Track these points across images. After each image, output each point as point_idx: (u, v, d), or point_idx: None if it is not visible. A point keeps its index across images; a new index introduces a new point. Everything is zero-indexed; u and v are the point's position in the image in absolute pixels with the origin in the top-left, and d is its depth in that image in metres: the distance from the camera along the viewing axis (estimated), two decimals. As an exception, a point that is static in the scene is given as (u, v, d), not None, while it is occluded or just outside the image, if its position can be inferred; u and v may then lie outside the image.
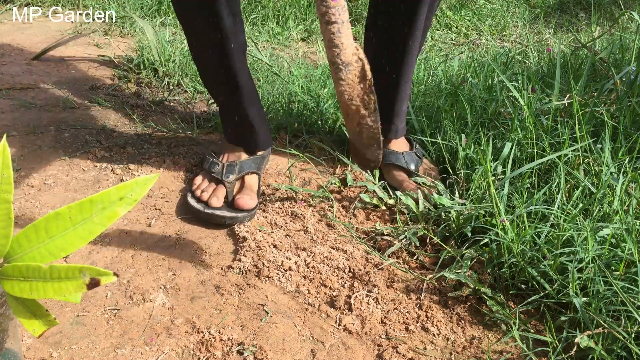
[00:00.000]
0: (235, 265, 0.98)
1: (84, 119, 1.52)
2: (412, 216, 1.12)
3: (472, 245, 1.00)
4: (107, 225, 0.48)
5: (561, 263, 0.88)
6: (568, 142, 1.08)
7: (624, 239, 0.87)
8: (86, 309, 0.87)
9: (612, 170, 1.03)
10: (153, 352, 0.79)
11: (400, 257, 1.03)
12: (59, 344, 0.80)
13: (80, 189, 1.19)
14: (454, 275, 0.93)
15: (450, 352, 0.83)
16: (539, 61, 1.80)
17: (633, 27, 2.19)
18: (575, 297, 0.81)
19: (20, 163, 1.26)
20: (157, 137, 1.44)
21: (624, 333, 0.75)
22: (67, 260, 0.96)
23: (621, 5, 2.86)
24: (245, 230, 1.07)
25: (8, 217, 0.46)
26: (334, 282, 0.96)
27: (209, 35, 1.07)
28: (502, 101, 1.35)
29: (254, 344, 0.81)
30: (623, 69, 1.36)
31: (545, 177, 1.12)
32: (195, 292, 0.92)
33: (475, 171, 1.12)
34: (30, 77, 1.83)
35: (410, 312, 0.90)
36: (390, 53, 1.16)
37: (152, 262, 0.99)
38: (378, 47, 1.17)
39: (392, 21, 1.11)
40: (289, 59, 2.09)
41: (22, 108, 1.57)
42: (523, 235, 0.91)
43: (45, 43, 2.18)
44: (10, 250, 0.48)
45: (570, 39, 2.35)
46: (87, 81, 1.85)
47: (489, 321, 0.88)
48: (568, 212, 0.95)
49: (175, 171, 1.29)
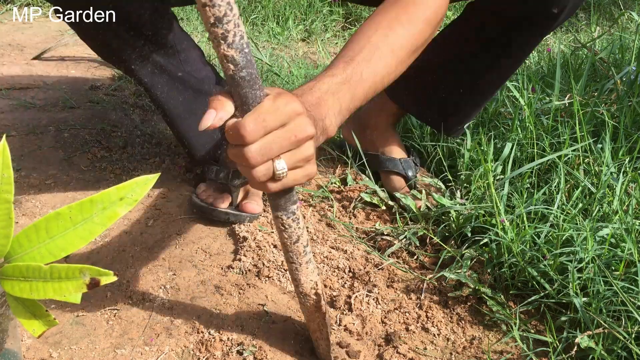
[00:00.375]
0: (235, 265, 0.98)
1: (84, 119, 1.52)
2: (412, 216, 1.12)
3: (472, 245, 1.00)
4: (108, 225, 0.48)
5: (561, 263, 0.88)
6: (568, 142, 1.08)
7: (623, 238, 0.87)
8: (86, 309, 0.87)
9: (612, 170, 1.03)
10: (153, 352, 0.79)
11: (400, 257, 1.03)
12: (58, 344, 0.80)
13: (80, 189, 1.19)
14: (454, 275, 0.93)
15: (451, 352, 0.83)
16: (539, 61, 1.80)
17: (633, 27, 2.19)
18: (576, 297, 0.81)
19: (20, 163, 1.27)
20: (157, 137, 1.44)
21: (624, 333, 0.75)
22: (67, 260, 0.96)
23: (621, 5, 2.86)
24: (245, 230, 1.07)
25: (8, 217, 0.46)
26: (334, 282, 0.96)
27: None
28: (502, 101, 1.35)
29: (253, 344, 0.81)
30: (623, 69, 1.36)
31: (545, 177, 1.12)
32: (195, 292, 0.92)
33: (476, 171, 1.12)
34: (30, 77, 1.83)
35: (410, 312, 0.90)
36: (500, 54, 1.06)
37: (152, 262, 0.99)
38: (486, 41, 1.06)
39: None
40: (289, 59, 2.10)
41: (22, 108, 1.57)
42: (523, 235, 0.91)
43: (45, 43, 2.18)
44: (10, 250, 0.48)
45: (570, 39, 2.35)
46: (87, 81, 1.85)
47: (489, 321, 0.88)
48: (568, 212, 0.95)
49: (175, 171, 1.29)
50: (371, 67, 0.73)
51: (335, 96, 0.69)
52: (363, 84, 0.72)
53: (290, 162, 0.60)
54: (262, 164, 0.58)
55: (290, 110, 0.58)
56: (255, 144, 0.57)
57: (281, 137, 0.58)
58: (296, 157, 0.60)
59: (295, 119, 0.59)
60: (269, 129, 0.58)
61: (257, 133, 0.57)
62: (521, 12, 0.98)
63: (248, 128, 0.56)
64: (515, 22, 1.00)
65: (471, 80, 1.12)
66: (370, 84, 0.74)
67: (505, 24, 1.02)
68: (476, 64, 1.09)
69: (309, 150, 0.61)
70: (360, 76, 0.72)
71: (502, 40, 1.04)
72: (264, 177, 0.59)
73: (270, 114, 0.57)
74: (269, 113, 0.57)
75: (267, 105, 0.58)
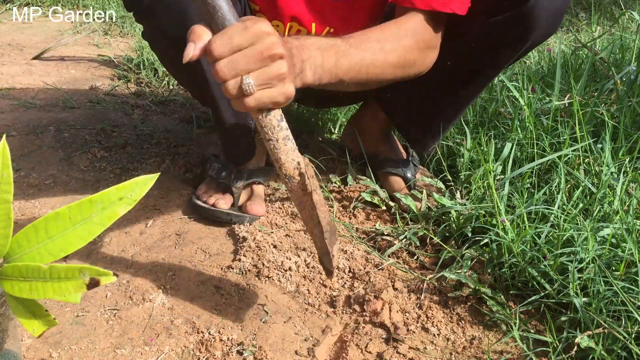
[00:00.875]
0: (235, 265, 0.98)
1: (84, 119, 1.52)
2: (413, 216, 1.12)
3: (472, 245, 1.00)
4: (107, 225, 0.48)
5: (561, 263, 0.88)
6: (568, 142, 1.08)
7: (624, 239, 0.87)
8: (86, 309, 0.87)
9: (613, 170, 1.03)
10: (153, 352, 0.79)
11: (400, 257, 1.03)
12: (58, 344, 0.80)
13: (80, 189, 1.19)
14: (454, 275, 0.93)
15: (451, 352, 0.83)
16: (539, 61, 1.80)
17: (633, 26, 2.19)
18: (576, 297, 0.81)
19: (20, 163, 1.26)
20: (157, 137, 1.44)
21: (624, 333, 0.75)
22: (67, 260, 0.96)
23: (621, 5, 2.86)
24: (245, 230, 1.07)
25: (8, 217, 0.46)
26: (334, 282, 0.96)
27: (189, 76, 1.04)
28: (502, 101, 1.35)
29: (253, 344, 0.81)
30: (623, 69, 1.36)
31: (545, 177, 1.12)
32: (195, 292, 0.92)
33: (476, 171, 1.12)
34: (30, 77, 1.83)
35: (410, 312, 0.90)
36: (468, 65, 1.03)
37: (152, 262, 0.99)
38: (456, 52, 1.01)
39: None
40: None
41: (22, 108, 1.57)
42: (523, 235, 0.91)
43: (45, 43, 2.18)
44: (10, 251, 0.48)
45: (570, 38, 2.35)
46: (87, 81, 1.85)
47: (489, 321, 0.88)
48: (568, 212, 0.95)
49: (175, 171, 1.28)
50: (360, 50, 0.79)
51: (319, 50, 0.74)
52: (349, 58, 0.78)
53: (260, 79, 0.65)
54: (232, 79, 0.64)
55: (258, 30, 0.63)
56: (224, 60, 0.63)
57: (248, 54, 0.63)
58: (266, 74, 0.65)
59: (264, 38, 0.64)
60: (236, 46, 0.63)
61: (224, 49, 0.62)
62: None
63: (214, 45, 0.62)
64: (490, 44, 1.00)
65: (448, 98, 1.11)
66: (354, 63, 0.79)
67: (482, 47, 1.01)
68: (454, 85, 1.08)
69: (280, 68, 0.65)
70: (348, 50, 0.78)
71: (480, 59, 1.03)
72: (233, 91, 0.65)
73: (238, 33, 0.63)
74: (236, 32, 0.63)
75: (236, 25, 0.63)
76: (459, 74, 1.05)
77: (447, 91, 1.09)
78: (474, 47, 1.00)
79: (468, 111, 1.30)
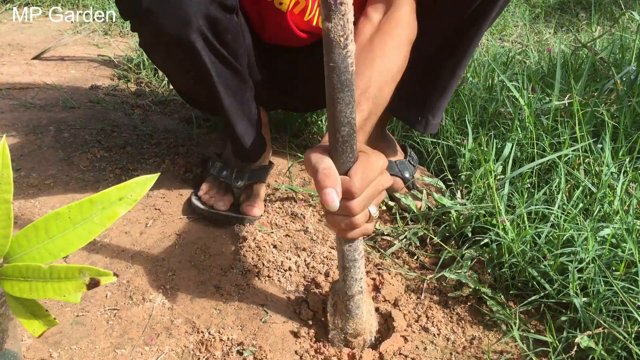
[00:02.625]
0: (235, 265, 0.98)
1: (83, 119, 1.52)
2: (413, 216, 1.12)
3: (472, 245, 1.00)
4: (107, 225, 0.48)
5: (561, 263, 0.88)
6: (568, 142, 1.08)
7: (624, 239, 0.87)
8: (86, 309, 0.87)
9: (613, 170, 1.03)
10: (153, 352, 0.79)
11: (400, 257, 1.03)
12: (58, 344, 0.80)
13: (80, 189, 1.19)
14: (454, 275, 0.93)
15: (451, 352, 0.83)
16: (539, 61, 1.80)
17: (633, 26, 2.19)
18: (576, 297, 0.81)
19: (20, 163, 1.26)
20: (157, 137, 1.44)
21: (624, 333, 0.75)
22: (67, 260, 0.96)
23: (621, 5, 2.86)
24: (245, 231, 1.07)
25: (8, 217, 0.46)
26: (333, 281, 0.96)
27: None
28: (502, 101, 1.35)
29: (253, 344, 0.81)
30: (623, 69, 1.36)
31: (545, 177, 1.12)
32: (195, 292, 0.92)
33: (476, 171, 1.12)
34: (30, 77, 1.83)
35: (410, 312, 0.89)
36: (454, 34, 1.03)
37: (152, 262, 0.99)
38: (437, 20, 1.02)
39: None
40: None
41: (22, 108, 1.57)
42: (523, 235, 0.91)
43: (45, 43, 2.18)
44: (10, 250, 0.48)
45: (570, 38, 2.35)
46: (87, 81, 1.85)
47: (489, 321, 0.88)
48: (568, 212, 0.95)
49: (175, 171, 1.28)
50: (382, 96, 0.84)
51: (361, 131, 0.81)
52: (377, 114, 0.84)
53: (376, 205, 0.73)
54: (361, 212, 0.70)
55: (382, 166, 0.70)
56: (360, 197, 0.68)
57: (375, 190, 0.70)
58: (377, 201, 0.73)
59: (384, 172, 0.72)
60: (369, 184, 0.69)
61: (363, 189, 0.68)
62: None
63: (358, 185, 0.67)
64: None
65: (434, 69, 1.11)
66: (380, 110, 0.85)
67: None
68: (437, 53, 1.08)
69: (383, 193, 0.74)
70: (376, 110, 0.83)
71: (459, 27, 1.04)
72: (362, 222, 0.71)
73: (371, 171, 0.68)
74: (370, 170, 0.68)
75: (366, 163, 0.68)
76: (442, 41, 1.05)
77: (436, 62, 1.09)
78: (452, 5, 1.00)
79: (468, 111, 1.30)
